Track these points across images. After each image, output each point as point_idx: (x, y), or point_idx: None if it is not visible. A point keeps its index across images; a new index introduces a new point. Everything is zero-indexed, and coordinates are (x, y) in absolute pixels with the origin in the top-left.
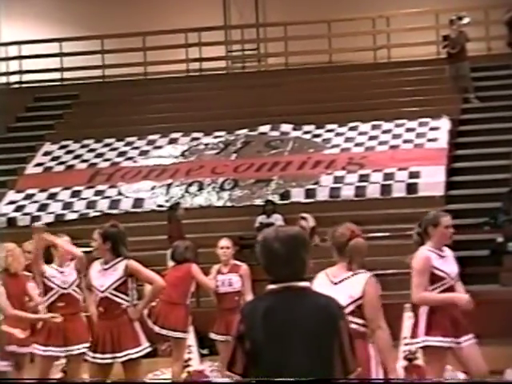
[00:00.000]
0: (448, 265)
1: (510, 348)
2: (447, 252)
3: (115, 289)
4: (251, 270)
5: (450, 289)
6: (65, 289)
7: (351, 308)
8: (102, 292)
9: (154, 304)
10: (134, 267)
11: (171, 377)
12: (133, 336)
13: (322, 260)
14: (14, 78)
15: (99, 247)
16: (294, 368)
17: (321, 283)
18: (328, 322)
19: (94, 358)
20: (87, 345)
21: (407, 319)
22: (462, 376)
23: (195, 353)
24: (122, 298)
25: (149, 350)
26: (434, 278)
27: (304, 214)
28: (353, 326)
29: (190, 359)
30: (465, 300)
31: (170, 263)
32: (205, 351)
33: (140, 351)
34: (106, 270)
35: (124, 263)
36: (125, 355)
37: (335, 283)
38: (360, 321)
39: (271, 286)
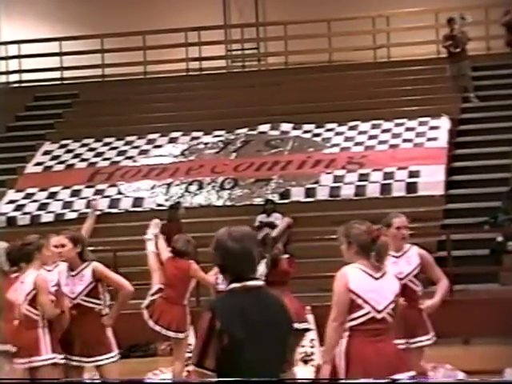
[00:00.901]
0: (398, 266)
1: (509, 347)
2: (409, 252)
3: (86, 295)
4: None
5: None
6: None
7: (394, 304)
8: (74, 299)
9: (154, 298)
10: (101, 271)
11: (172, 376)
12: (103, 343)
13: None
14: (13, 78)
15: (69, 252)
16: (269, 363)
17: (364, 279)
18: (287, 319)
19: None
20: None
21: None
22: (461, 375)
23: None
24: (94, 303)
25: (117, 357)
26: None
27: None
28: (390, 319)
29: (189, 358)
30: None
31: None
32: None
33: (108, 358)
34: (73, 276)
35: (91, 268)
36: (92, 361)
37: (377, 278)
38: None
39: (235, 285)
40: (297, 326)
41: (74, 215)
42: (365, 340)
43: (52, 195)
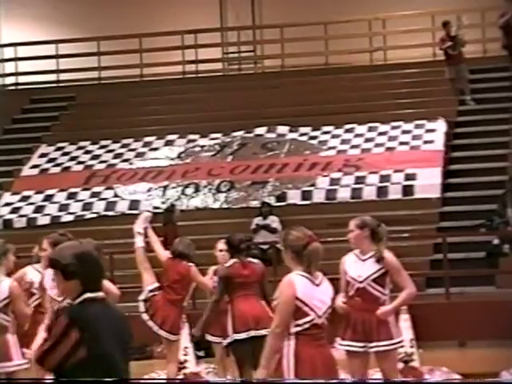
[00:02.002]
0: (360, 268)
1: (505, 350)
2: (376, 256)
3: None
4: None
5: (359, 291)
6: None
7: (330, 309)
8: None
9: (154, 294)
10: None
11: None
12: None
13: None
14: (10, 80)
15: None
16: (120, 372)
17: (308, 286)
18: (129, 330)
19: None
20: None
21: (403, 321)
22: (456, 377)
23: (191, 355)
24: None
25: None
26: (346, 282)
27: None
28: (325, 323)
29: (186, 361)
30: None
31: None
32: (201, 353)
33: None
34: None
35: None
36: None
37: (317, 285)
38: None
39: (91, 295)
40: (254, 333)
41: (70, 218)
42: (310, 344)
43: (48, 198)
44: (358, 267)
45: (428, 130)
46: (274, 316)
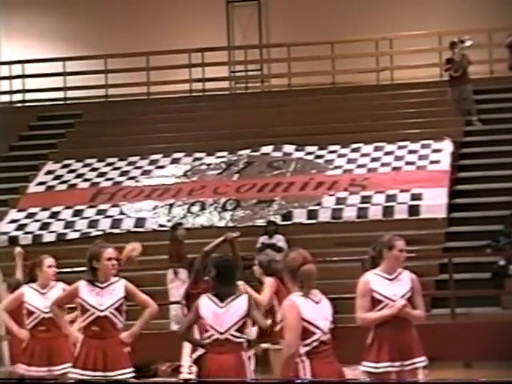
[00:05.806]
0: (392, 288)
1: (510, 371)
2: (402, 275)
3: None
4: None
5: None
6: (46, 313)
7: (331, 326)
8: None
9: None
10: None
11: None
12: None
13: None
14: (17, 97)
15: None
16: None
17: (310, 305)
18: None
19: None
20: (70, 364)
21: None
22: None
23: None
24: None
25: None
26: (374, 301)
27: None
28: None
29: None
30: (395, 308)
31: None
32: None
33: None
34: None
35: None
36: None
37: (317, 302)
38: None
39: None
40: None
41: (76, 235)
42: (323, 361)
43: (54, 215)
44: (387, 286)
45: (434, 150)
46: (285, 339)
